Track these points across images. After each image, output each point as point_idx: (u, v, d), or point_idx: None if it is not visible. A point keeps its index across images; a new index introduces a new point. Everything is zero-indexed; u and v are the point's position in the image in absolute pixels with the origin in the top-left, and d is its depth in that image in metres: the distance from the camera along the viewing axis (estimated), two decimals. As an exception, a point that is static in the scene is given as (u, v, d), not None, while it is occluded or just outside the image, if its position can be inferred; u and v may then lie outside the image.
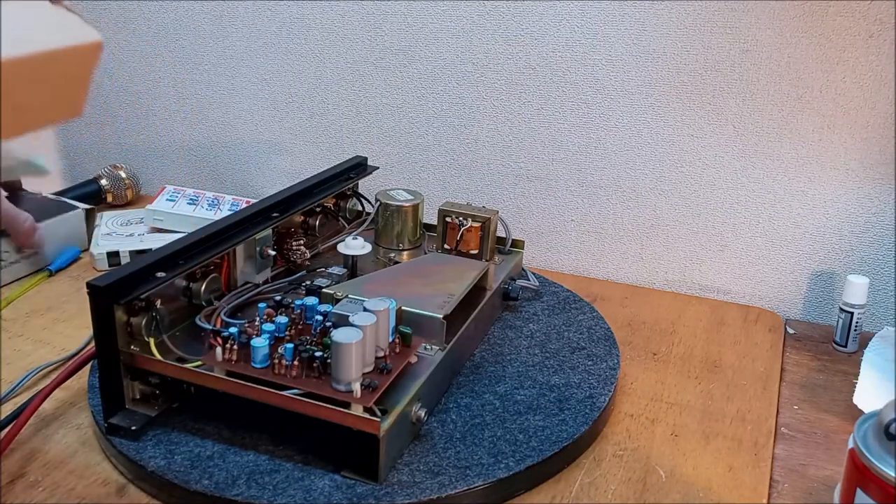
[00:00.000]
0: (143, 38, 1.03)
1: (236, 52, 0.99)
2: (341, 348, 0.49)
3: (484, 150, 0.90)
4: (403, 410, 0.52)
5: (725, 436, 0.60)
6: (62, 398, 0.61)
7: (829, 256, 0.80)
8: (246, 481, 0.50)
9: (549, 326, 0.71)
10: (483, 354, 0.66)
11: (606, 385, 0.62)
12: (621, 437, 0.59)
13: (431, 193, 0.92)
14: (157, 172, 1.08)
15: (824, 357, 0.73)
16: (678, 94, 0.81)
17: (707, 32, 0.78)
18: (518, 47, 0.85)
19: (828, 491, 0.55)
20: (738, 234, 0.83)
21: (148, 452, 0.52)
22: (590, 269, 0.90)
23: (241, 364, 0.52)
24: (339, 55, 0.94)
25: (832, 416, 0.64)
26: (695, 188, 0.83)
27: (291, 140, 1.00)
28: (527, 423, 0.57)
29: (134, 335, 0.54)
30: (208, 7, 0.98)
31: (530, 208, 0.90)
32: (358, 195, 0.81)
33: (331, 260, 0.72)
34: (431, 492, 0.50)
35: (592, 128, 0.85)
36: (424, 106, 0.91)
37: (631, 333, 0.75)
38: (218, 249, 0.60)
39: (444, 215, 0.72)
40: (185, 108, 1.04)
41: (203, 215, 0.87)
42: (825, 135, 0.77)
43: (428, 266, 0.68)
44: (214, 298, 0.61)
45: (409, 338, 0.56)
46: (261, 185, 1.03)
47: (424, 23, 0.88)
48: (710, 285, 0.85)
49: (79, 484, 0.52)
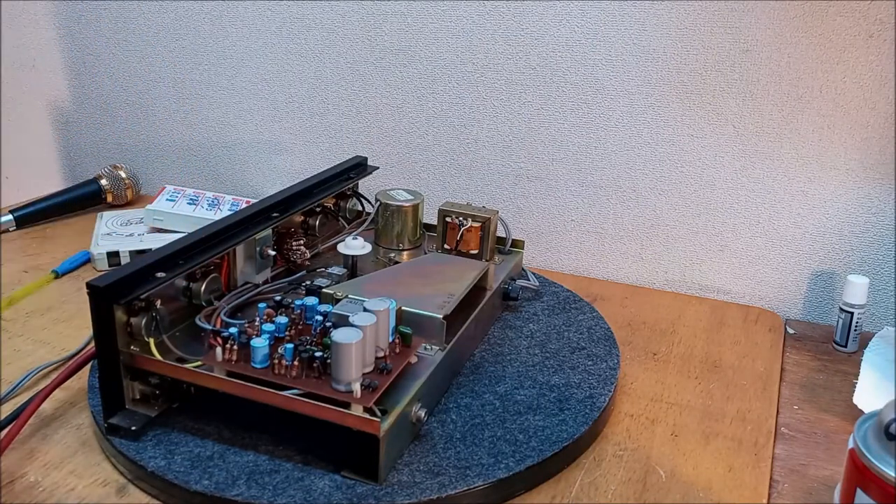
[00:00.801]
0: (143, 38, 1.03)
1: (236, 52, 0.99)
2: (341, 348, 0.49)
3: (484, 150, 0.90)
4: (403, 410, 0.52)
5: (725, 436, 0.60)
6: (62, 398, 0.61)
7: (829, 256, 0.80)
8: (246, 481, 0.50)
9: (549, 326, 0.71)
10: (483, 354, 0.66)
11: (606, 385, 0.62)
12: (621, 437, 0.59)
13: (431, 193, 0.92)
14: (157, 172, 1.09)
15: (824, 357, 0.73)
16: (678, 94, 0.81)
17: (707, 32, 0.78)
18: (518, 47, 0.85)
19: (828, 491, 0.55)
20: (738, 234, 0.83)
21: (148, 452, 0.52)
22: (590, 269, 0.90)
23: (241, 364, 0.52)
24: (339, 55, 0.94)
25: (832, 416, 0.64)
26: (695, 188, 0.83)
27: (291, 140, 1.00)
28: (527, 423, 0.57)
29: (134, 335, 0.54)
30: (208, 7, 0.98)
31: (530, 208, 0.90)
32: (358, 195, 0.81)
33: (331, 260, 0.72)
34: (431, 492, 0.50)
35: (592, 128, 0.85)
36: (424, 106, 0.91)
37: (631, 333, 0.75)
38: (218, 249, 0.60)
39: (444, 215, 0.72)
40: (185, 108, 1.04)
41: (203, 215, 0.87)
42: (825, 135, 0.77)
43: (428, 266, 0.68)
44: (214, 298, 0.61)
45: (409, 338, 0.56)
46: (261, 185, 1.03)
47: (424, 23, 0.88)
48: (710, 285, 0.85)
49: (79, 484, 0.52)
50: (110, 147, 1.11)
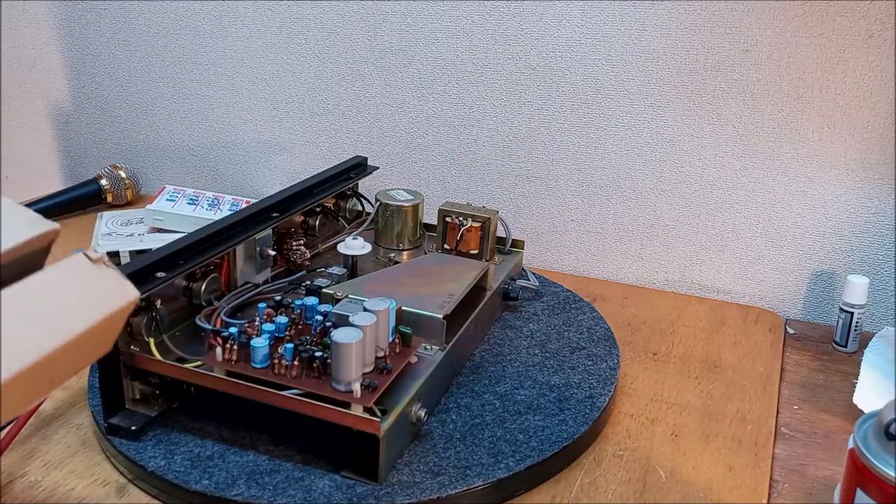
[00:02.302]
0: (143, 38, 1.03)
1: (236, 52, 0.99)
2: (341, 348, 0.49)
3: (484, 150, 0.90)
4: (403, 410, 0.52)
5: (725, 436, 0.60)
6: (62, 398, 0.61)
7: (829, 256, 0.80)
8: (246, 481, 0.50)
9: (549, 326, 0.71)
10: (483, 354, 0.66)
11: (606, 385, 0.62)
12: (621, 437, 0.59)
13: (431, 193, 0.92)
14: (157, 172, 1.08)
15: (824, 357, 0.73)
16: (678, 94, 0.81)
17: (707, 32, 0.78)
18: (518, 47, 0.85)
19: (828, 491, 0.55)
20: (738, 234, 0.83)
21: (148, 452, 0.52)
22: (590, 269, 0.90)
23: (241, 364, 0.52)
24: (339, 55, 0.94)
25: (832, 416, 0.64)
26: (695, 188, 0.83)
27: (291, 140, 1.00)
28: (527, 423, 0.57)
29: (134, 335, 0.54)
30: (208, 7, 0.98)
31: (530, 208, 0.90)
32: (358, 195, 0.81)
33: (331, 260, 0.72)
34: (431, 492, 0.50)
35: (592, 128, 0.85)
36: (424, 106, 0.91)
37: (631, 333, 0.75)
38: (218, 249, 0.60)
39: (444, 215, 0.72)
40: (185, 108, 1.04)
41: (203, 215, 0.87)
42: (825, 135, 0.77)
43: (428, 266, 0.68)
44: (214, 298, 0.61)
45: (409, 338, 0.56)
46: (261, 185, 1.03)
47: (424, 23, 0.88)
48: (710, 285, 0.85)
49: (79, 484, 0.52)
50: (110, 147, 1.11)
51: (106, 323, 0.37)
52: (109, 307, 0.38)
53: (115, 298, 0.38)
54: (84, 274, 0.38)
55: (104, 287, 0.38)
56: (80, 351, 0.36)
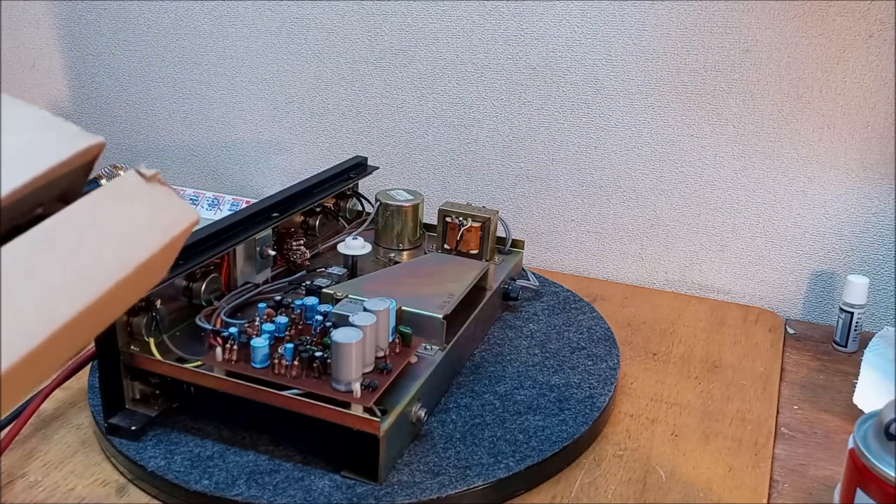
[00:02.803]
0: (143, 38, 1.03)
1: (236, 52, 0.99)
2: (341, 348, 0.49)
3: (484, 150, 0.90)
4: (403, 410, 0.52)
5: (725, 436, 0.60)
6: (62, 398, 0.61)
7: (829, 256, 0.80)
8: (246, 481, 0.50)
9: (549, 326, 0.71)
10: (483, 354, 0.66)
11: (606, 385, 0.62)
12: (621, 437, 0.59)
13: (431, 193, 0.92)
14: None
15: (824, 357, 0.73)
16: (678, 94, 0.81)
17: (707, 32, 0.78)
18: (518, 47, 0.85)
19: (828, 491, 0.55)
20: (738, 234, 0.83)
21: (148, 452, 0.52)
22: (590, 269, 0.90)
23: (241, 364, 0.52)
24: (339, 55, 0.94)
25: (832, 416, 0.64)
26: (695, 188, 0.83)
27: (291, 140, 1.00)
28: (527, 423, 0.57)
29: (134, 335, 0.54)
30: (208, 7, 0.98)
31: (530, 208, 0.90)
32: (358, 195, 0.81)
33: (331, 260, 0.72)
34: (431, 492, 0.50)
35: (592, 128, 0.85)
36: (424, 106, 0.91)
37: (631, 333, 0.75)
38: (218, 249, 0.60)
39: (444, 215, 0.72)
40: (185, 108, 1.04)
41: (203, 215, 0.87)
42: (825, 135, 0.77)
43: (428, 266, 0.68)
44: (214, 298, 0.61)
45: (409, 338, 0.56)
46: (261, 185, 1.03)
47: (424, 23, 0.88)
48: (710, 285, 0.85)
49: (79, 484, 0.52)
50: (110, 147, 1.10)
51: (168, 249, 0.34)
52: (171, 231, 0.34)
53: (176, 220, 0.35)
54: (139, 195, 0.35)
55: (163, 208, 0.35)
56: (141, 281, 0.34)
